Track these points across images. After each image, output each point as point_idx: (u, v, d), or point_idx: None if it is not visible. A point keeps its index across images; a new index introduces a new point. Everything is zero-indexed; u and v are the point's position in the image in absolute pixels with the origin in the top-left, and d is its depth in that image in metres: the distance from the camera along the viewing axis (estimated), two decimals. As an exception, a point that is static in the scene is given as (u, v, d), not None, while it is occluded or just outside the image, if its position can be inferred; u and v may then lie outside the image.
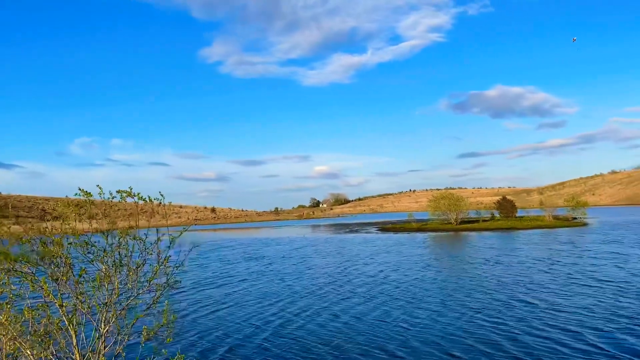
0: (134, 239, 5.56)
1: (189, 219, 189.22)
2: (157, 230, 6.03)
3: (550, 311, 15.35)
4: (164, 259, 5.68)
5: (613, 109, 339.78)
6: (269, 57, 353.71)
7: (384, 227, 78.09)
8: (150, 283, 5.65)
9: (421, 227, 70.08)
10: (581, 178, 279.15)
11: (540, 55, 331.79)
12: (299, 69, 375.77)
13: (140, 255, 5.66)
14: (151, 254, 5.74)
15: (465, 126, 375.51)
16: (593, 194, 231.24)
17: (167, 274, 5.71)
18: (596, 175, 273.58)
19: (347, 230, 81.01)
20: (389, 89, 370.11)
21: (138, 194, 5.79)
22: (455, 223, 68.90)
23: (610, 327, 13.09)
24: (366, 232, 69.21)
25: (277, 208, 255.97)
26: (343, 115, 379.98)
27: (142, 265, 5.64)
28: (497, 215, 77.07)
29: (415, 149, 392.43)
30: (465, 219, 72.47)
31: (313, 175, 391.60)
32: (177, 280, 5.97)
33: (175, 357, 5.64)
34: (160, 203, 5.98)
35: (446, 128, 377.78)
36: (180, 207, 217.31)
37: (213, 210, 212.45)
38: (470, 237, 50.82)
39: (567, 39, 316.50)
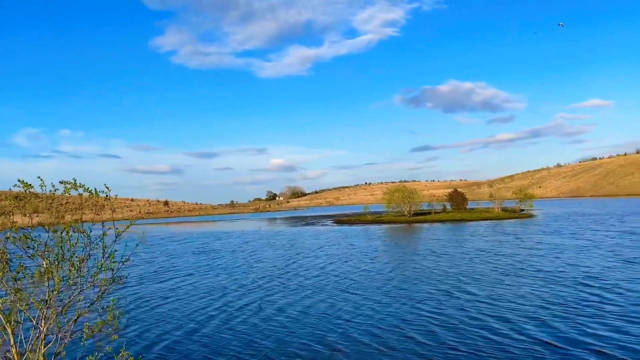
0: (77, 232, 5.37)
1: (140, 212, 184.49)
2: (102, 224, 5.84)
3: (488, 300, 15.76)
4: (110, 254, 5.52)
5: (559, 105, 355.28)
6: (224, 47, 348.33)
7: (340, 220, 78.75)
8: (95, 278, 5.48)
9: (376, 219, 71.12)
10: (528, 171, 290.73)
11: (490, 52, 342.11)
12: (254, 60, 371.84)
13: (84, 249, 5.48)
14: (96, 248, 5.57)
15: (419, 120, 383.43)
16: (540, 187, 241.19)
17: (113, 269, 5.55)
18: (542, 169, 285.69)
19: (303, 223, 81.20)
20: (345, 82, 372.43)
21: (83, 185, 5.59)
22: (408, 215, 70.31)
23: (543, 315, 13.53)
24: (322, 225, 69.59)
25: (232, 201, 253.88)
26: (300, 108, 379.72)
27: (86, 260, 5.46)
28: (448, 207, 79.19)
29: (371, 142, 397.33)
30: (419, 211, 74.09)
31: (269, 168, 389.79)
32: (123, 276, 5.82)
33: (120, 354, 5.49)
34: (106, 196, 5.79)
35: (401, 122, 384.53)
36: (132, 200, 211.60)
37: (166, 203, 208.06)
38: (422, 228, 51.97)
39: (517, 36, 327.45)
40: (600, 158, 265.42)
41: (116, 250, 5.61)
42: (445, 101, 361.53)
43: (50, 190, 5.39)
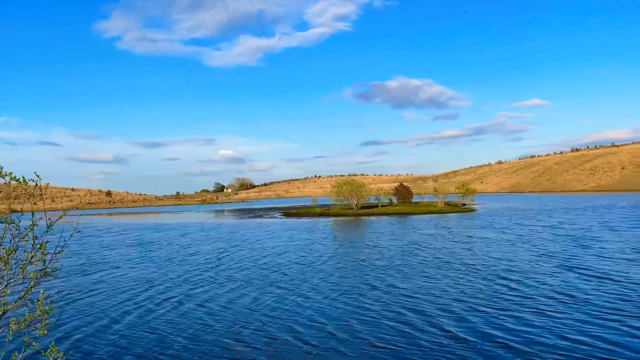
0: (5, 222, 5.07)
1: (81, 202, 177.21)
2: (32, 214, 5.54)
3: (409, 293, 15.98)
4: (40, 245, 5.25)
5: (501, 104, 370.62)
6: (172, 34, 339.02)
7: (288, 212, 78.70)
8: (24, 271, 5.21)
9: (324, 212, 71.58)
10: (471, 167, 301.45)
11: (438, 50, 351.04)
12: (203, 49, 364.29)
13: (12, 241, 5.18)
14: (26, 240, 5.28)
15: (369, 115, 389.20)
16: (481, 182, 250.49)
17: (44, 261, 5.28)
18: (485, 165, 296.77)
19: (251, 215, 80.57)
20: (296, 74, 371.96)
21: (10, 173, 5.28)
22: (356, 208, 71.21)
23: (458, 308, 13.85)
24: (270, 217, 69.32)
25: (178, 192, 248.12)
26: (250, 99, 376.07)
27: (13, 252, 5.17)
28: (395, 201, 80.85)
29: (321, 135, 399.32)
30: (366, 204, 75.17)
31: (217, 160, 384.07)
32: (55, 268, 5.56)
33: (48, 351, 5.25)
34: (36, 185, 5.48)
35: (351, 116, 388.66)
36: (73, 190, 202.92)
37: (109, 193, 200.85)
38: (368, 221, 52.77)
39: (464, 35, 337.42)
40: (538, 156, 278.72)
41: (48, 242, 5.33)
42: (393, 97, 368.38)
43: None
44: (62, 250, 5.51)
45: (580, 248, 25.15)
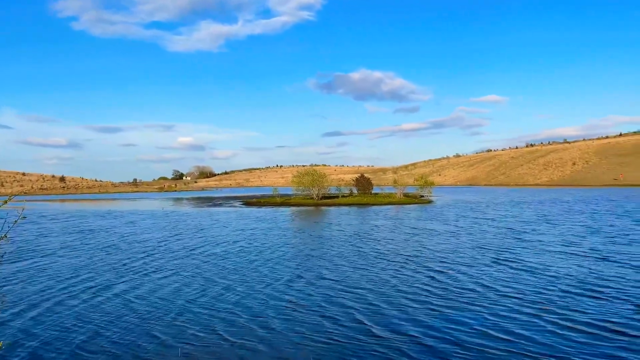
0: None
1: (33, 188, 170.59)
2: None
3: (334, 285, 15.91)
4: None
5: (460, 99, 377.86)
6: (131, 17, 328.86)
7: (249, 202, 78.21)
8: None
9: (285, 201, 71.56)
10: (430, 160, 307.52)
11: (401, 43, 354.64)
12: (164, 33, 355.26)
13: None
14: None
15: (331, 106, 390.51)
16: (440, 175, 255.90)
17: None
18: (443, 158, 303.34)
19: (210, 204, 79.60)
20: (259, 62, 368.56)
21: None
22: (316, 198, 71.55)
23: (376, 299, 13.95)
24: (229, 206, 68.69)
25: (135, 179, 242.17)
26: (211, 86, 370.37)
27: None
28: (355, 191, 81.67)
29: (283, 125, 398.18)
30: (327, 195, 75.60)
31: (177, 147, 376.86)
32: None
33: None
34: None
35: (313, 106, 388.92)
36: (24, 174, 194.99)
37: (62, 179, 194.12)
38: (326, 211, 52.98)
39: (426, 29, 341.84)
40: (494, 150, 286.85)
41: None
42: (356, 89, 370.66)
43: None
44: (6, 236, 5.39)
45: (514, 240, 25.80)
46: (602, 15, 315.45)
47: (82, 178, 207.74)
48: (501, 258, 20.33)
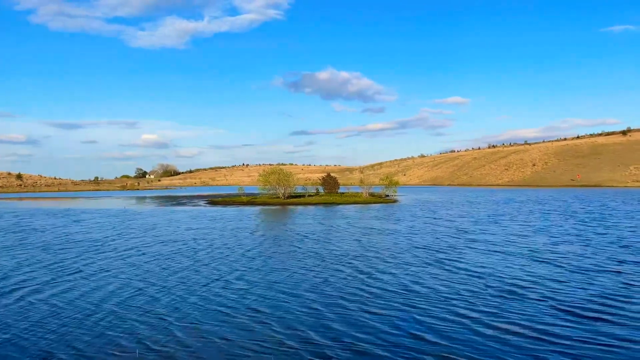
0: None
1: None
2: None
3: (249, 287, 15.73)
4: None
5: (424, 100, 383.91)
6: (93, 11, 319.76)
7: (213, 201, 77.29)
8: None
9: (250, 200, 71.05)
10: (395, 160, 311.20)
11: (367, 43, 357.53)
12: (127, 28, 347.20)
13: None
14: None
15: (298, 104, 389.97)
16: (404, 175, 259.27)
17: None
18: (408, 158, 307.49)
19: (174, 202, 78.20)
20: (225, 60, 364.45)
21: None
22: (283, 197, 71.32)
23: (294, 301, 13.95)
24: (194, 205, 67.65)
25: (97, 177, 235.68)
26: (175, 83, 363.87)
27: None
28: (321, 190, 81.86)
29: (249, 123, 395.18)
30: (293, 194, 75.50)
31: (140, 144, 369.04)
32: None
33: None
34: None
35: (280, 105, 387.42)
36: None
37: (19, 176, 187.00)
38: (290, 210, 52.99)
39: (392, 31, 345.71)
40: (457, 151, 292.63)
41: None
42: (323, 88, 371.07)
43: None
44: None
45: (459, 240, 26.42)
46: (562, 18, 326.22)
47: (41, 176, 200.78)
48: (443, 258, 20.75)
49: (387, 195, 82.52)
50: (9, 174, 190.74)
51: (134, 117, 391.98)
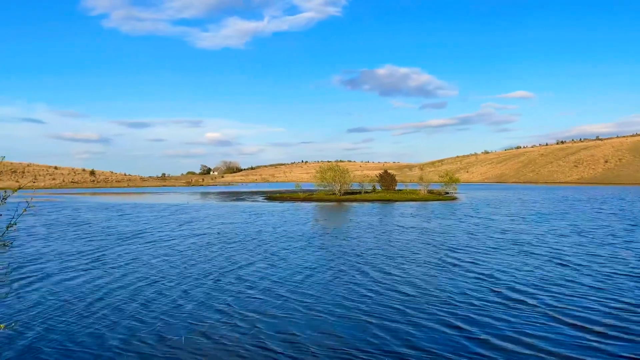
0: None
1: (64, 181, 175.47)
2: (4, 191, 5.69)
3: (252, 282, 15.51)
4: None
5: (488, 95, 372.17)
6: (160, 14, 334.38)
7: (272, 196, 78.81)
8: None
9: (307, 197, 71.82)
10: (458, 156, 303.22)
11: (427, 38, 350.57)
12: (191, 29, 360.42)
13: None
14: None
15: (356, 102, 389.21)
16: (467, 172, 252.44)
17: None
18: (471, 155, 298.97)
19: (234, 198, 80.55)
20: (284, 59, 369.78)
21: None
22: (339, 194, 71.58)
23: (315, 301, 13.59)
24: (252, 201, 69.35)
25: (164, 174, 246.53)
26: (237, 82, 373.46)
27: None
28: (378, 187, 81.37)
29: (308, 121, 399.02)
30: (349, 191, 75.57)
31: (204, 142, 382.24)
32: (7, 242, 5.71)
33: None
34: None
35: (338, 103, 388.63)
36: (56, 168, 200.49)
37: (92, 173, 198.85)
38: (345, 207, 53.09)
39: (453, 26, 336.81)
40: (524, 147, 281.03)
41: (0, 214, 5.48)
42: (382, 84, 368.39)
43: None
44: (15, 224, 5.66)
45: (499, 242, 24.78)
46: (632, 9, 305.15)
47: (112, 172, 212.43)
48: (465, 260, 19.18)
49: (447, 193, 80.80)
50: (84, 170, 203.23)
51: (199, 116, 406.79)
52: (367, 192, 75.52)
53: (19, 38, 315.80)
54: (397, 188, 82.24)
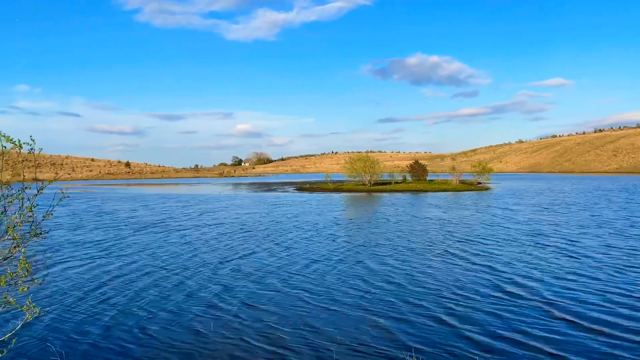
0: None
1: (100, 172, 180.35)
2: (24, 182, 5.79)
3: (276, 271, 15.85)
4: (28, 207, 5.48)
5: (521, 83, 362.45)
6: (191, 7, 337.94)
7: (302, 187, 79.11)
8: (9, 233, 5.47)
9: (337, 187, 71.80)
10: (491, 146, 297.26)
11: (458, 26, 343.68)
12: (222, 22, 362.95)
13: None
14: (11, 201, 5.55)
15: (386, 92, 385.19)
16: (500, 161, 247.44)
17: (31, 223, 5.55)
18: (505, 144, 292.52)
19: (265, 189, 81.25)
20: (313, 50, 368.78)
21: (6, 136, 5.39)
22: (369, 184, 71.26)
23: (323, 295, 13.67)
24: (283, 191, 69.85)
25: (197, 165, 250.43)
26: (267, 73, 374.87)
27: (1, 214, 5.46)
28: (409, 178, 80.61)
29: (337, 111, 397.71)
30: (379, 181, 75.13)
31: (235, 134, 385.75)
32: (43, 231, 5.81)
33: (25, 306, 5.45)
34: (30, 150, 5.55)
35: (367, 92, 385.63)
36: (92, 160, 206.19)
37: (127, 164, 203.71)
38: (375, 197, 52.92)
39: (484, 11, 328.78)
40: (559, 136, 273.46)
41: (37, 205, 5.57)
42: (412, 74, 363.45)
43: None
44: (51, 214, 5.75)
45: (526, 235, 23.91)
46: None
47: (146, 164, 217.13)
48: (481, 251, 19.08)
49: (480, 183, 79.45)
50: (119, 162, 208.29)
51: (229, 108, 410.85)
52: (397, 183, 74.97)
53: (55, 34, 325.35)
54: (428, 178, 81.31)
